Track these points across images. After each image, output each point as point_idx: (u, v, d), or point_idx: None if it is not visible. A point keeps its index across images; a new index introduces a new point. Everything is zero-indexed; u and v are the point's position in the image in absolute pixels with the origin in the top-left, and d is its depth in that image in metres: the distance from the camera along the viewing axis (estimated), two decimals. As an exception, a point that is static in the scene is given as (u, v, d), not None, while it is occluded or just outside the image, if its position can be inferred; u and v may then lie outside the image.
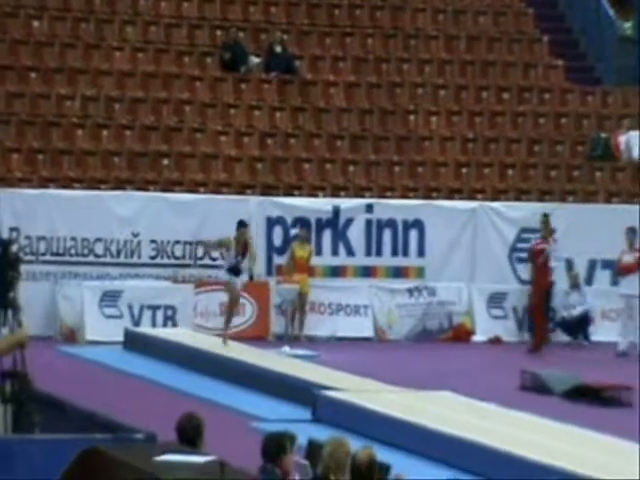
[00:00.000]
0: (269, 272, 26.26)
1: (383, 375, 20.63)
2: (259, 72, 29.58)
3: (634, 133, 29.49)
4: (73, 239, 25.51)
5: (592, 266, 27.38)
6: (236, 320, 25.05)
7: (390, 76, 30.25)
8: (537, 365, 22.03)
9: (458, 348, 25.67)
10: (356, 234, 26.90)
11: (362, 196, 27.49)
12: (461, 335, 26.17)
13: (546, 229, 26.43)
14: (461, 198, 27.88)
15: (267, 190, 27.36)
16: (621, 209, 27.67)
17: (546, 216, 26.51)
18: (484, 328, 26.53)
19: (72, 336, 24.94)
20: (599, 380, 21.02)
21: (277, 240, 26.46)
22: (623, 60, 32.05)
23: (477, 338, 26.37)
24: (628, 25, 32.37)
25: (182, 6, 30.14)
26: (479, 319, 26.58)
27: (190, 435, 10.10)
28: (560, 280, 26.82)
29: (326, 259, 26.79)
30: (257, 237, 25.98)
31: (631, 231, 25.74)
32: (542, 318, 26.16)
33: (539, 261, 25.97)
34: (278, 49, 29.63)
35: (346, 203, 27.03)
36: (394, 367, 21.70)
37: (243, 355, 22.29)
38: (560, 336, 26.67)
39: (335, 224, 26.80)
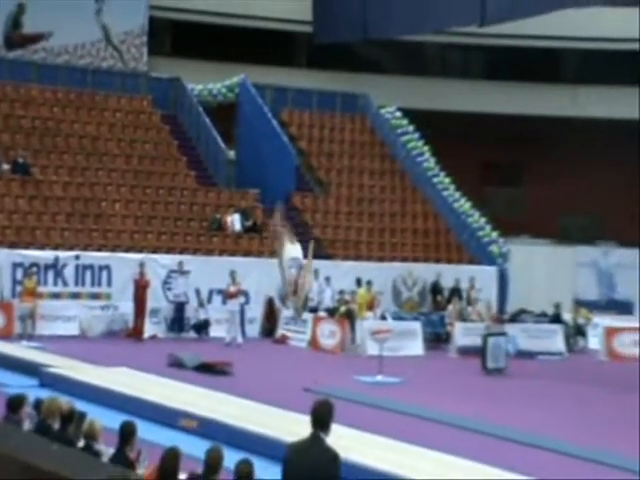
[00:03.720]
0: (13, 295, 25.35)
1: (84, 358, 20.18)
2: (8, 174, 28.56)
3: (236, 215, 29.70)
4: None
5: (211, 292, 27.28)
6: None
7: (91, 178, 29.70)
8: (178, 350, 21.70)
9: (132, 342, 25.23)
10: (69, 273, 26.18)
11: (73, 249, 26.76)
12: (135, 334, 25.60)
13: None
14: (134, 252, 27.37)
15: (13, 245, 26.42)
16: (228, 260, 27.76)
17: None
18: (148, 329, 26.08)
19: None
20: (214, 359, 20.94)
21: (19, 276, 25.56)
22: (230, 173, 32.25)
23: (145, 336, 25.81)
24: (232, 153, 32.56)
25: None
26: (147, 323, 26.05)
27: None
28: (193, 300, 26.85)
29: (50, 288, 25.93)
30: (5, 276, 25.27)
31: (232, 272, 25.92)
32: (142, 320, 25.81)
33: (141, 287, 25.83)
34: (20, 160, 28.79)
35: (62, 254, 26.28)
36: (92, 353, 21.17)
37: (-3, 346, 21.46)
38: (192, 334, 26.46)
39: (56, 266, 26.04)
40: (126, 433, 8.92)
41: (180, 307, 26.49)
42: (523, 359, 24.58)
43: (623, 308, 33.05)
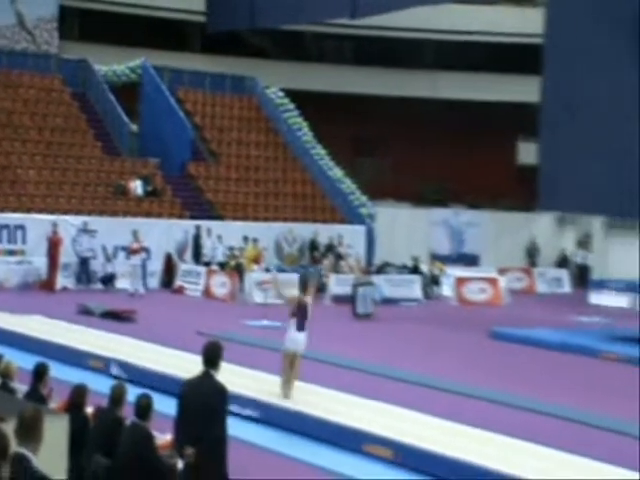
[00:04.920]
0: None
1: (1, 307, 19.64)
2: None
3: (138, 182, 29.17)
4: None
5: (116, 249, 26.75)
6: None
7: (7, 148, 28.82)
8: (88, 300, 21.26)
9: (45, 293, 24.65)
10: (-12, 232, 25.47)
11: (-9, 212, 26.03)
12: (48, 286, 24.96)
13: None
14: (47, 213, 26.65)
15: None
16: (131, 221, 27.24)
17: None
18: (59, 281, 25.43)
19: None
20: (119, 307, 20.59)
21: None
22: (132, 144, 31.59)
23: (57, 287, 25.14)
24: (135, 126, 31.91)
25: None
26: (59, 276, 25.37)
27: None
28: (100, 256, 26.33)
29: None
30: None
31: (135, 232, 25.52)
32: (54, 273, 25.10)
33: (54, 245, 25.20)
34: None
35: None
36: (8, 303, 20.61)
37: None
38: (100, 286, 25.95)
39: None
40: (39, 373, 8.74)
41: (84, 261, 26.02)
42: (387, 305, 24.83)
43: (471, 261, 33.64)
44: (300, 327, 12.18)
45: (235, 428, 8.47)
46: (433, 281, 28.37)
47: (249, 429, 11.46)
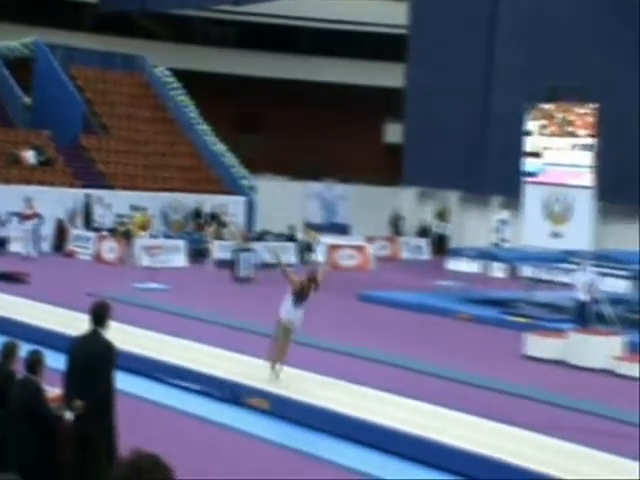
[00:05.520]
0: None
1: None
2: None
3: (31, 151, 28.20)
4: None
5: (9, 215, 25.78)
6: None
7: None
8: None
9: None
10: None
11: None
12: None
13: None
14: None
15: None
16: (24, 189, 26.32)
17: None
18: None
19: None
20: (12, 270, 19.85)
21: None
22: (26, 116, 30.45)
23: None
24: (28, 99, 30.75)
25: None
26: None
27: None
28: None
29: None
30: None
31: (28, 199, 24.73)
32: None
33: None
34: None
35: None
36: None
37: None
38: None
39: None
40: None
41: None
42: (265, 269, 24.76)
43: (341, 230, 33.88)
44: (297, 304, 11.63)
45: (121, 382, 8.30)
46: (307, 248, 28.45)
47: (133, 383, 11.27)
